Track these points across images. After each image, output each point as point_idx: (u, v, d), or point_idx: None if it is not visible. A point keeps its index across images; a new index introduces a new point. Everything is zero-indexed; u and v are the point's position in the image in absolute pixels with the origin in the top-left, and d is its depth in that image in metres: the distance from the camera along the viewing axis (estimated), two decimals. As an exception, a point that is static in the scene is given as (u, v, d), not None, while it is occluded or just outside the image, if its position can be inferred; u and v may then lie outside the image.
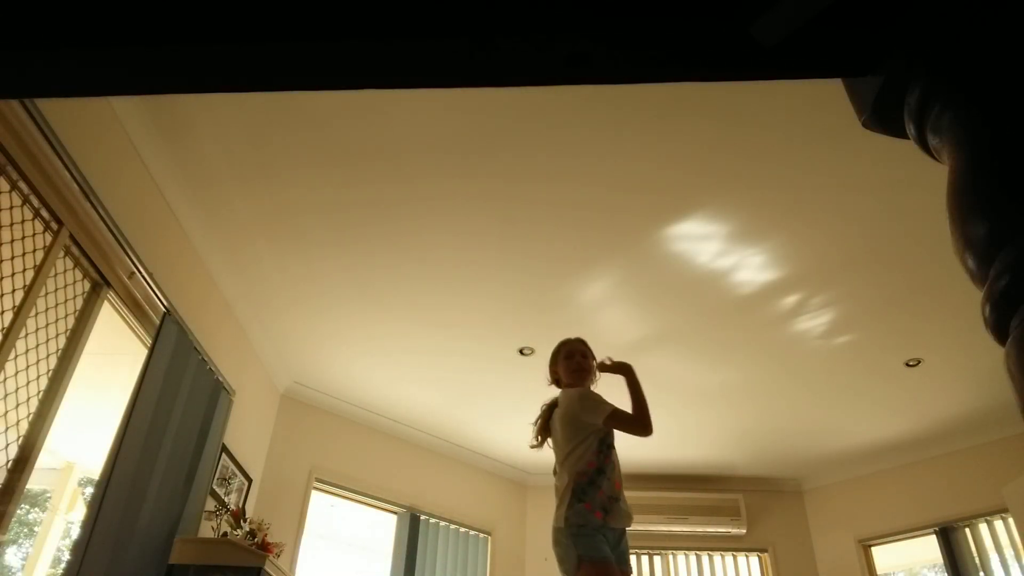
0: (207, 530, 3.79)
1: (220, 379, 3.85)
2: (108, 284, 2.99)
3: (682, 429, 5.61)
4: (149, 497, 3.08)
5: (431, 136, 3.03)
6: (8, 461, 2.46)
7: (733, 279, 3.86)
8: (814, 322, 4.23)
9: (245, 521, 3.84)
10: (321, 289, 4.09)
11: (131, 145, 2.99)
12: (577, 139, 3.02)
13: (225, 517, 3.84)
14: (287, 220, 3.55)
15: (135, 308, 3.21)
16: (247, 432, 4.49)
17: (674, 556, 6.29)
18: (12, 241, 2.38)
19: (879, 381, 4.84)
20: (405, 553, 5.35)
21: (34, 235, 2.51)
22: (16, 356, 2.43)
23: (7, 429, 2.44)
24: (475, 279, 3.95)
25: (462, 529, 5.92)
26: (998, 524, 5.27)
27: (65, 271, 2.74)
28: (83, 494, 4.43)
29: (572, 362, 2.84)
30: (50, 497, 4.44)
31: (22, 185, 2.41)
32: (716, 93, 2.78)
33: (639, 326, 4.30)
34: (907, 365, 4.62)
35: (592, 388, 2.80)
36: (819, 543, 6.26)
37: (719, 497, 6.24)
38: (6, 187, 2.35)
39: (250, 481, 4.51)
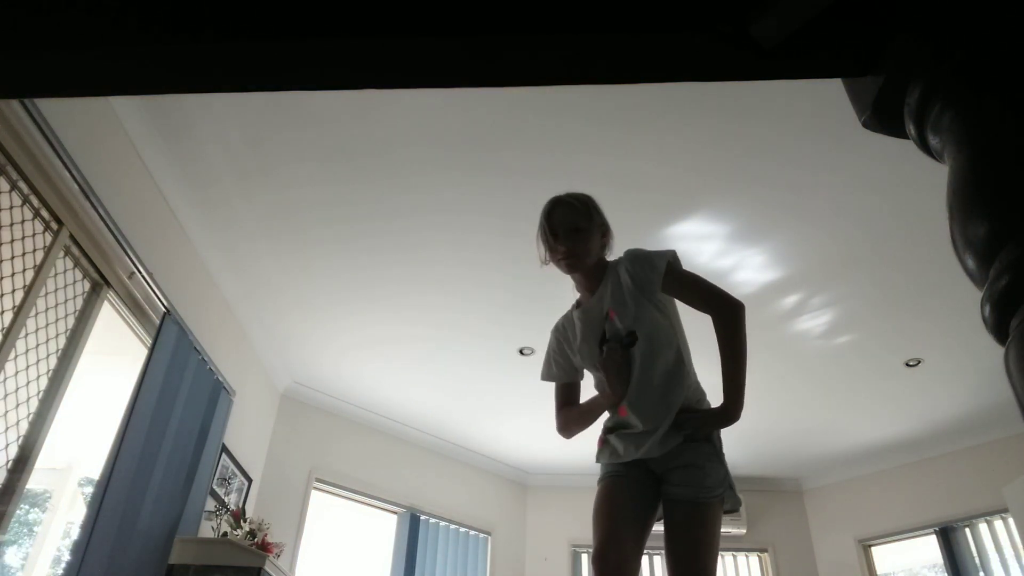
0: (207, 530, 3.79)
1: (220, 379, 3.85)
2: (108, 284, 2.99)
3: (682, 429, 5.61)
4: (149, 497, 3.07)
5: (431, 135, 3.03)
6: (8, 461, 2.46)
7: (733, 279, 3.86)
8: (814, 322, 4.23)
9: (245, 521, 3.84)
10: (321, 289, 4.09)
11: (131, 145, 2.99)
12: (578, 138, 3.03)
13: (225, 517, 3.84)
14: (287, 220, 3.55)
15: (135, 308, 3.21)
16: (247, 432, 4.49)
17: (674, 556, 6.28)
18: (12, 241, 2.38)
19: (879, 381, 4.84)
20: (405, 553, 5.34)
21: (34, 235, 2.51)
22: (16, 356, 2.43)
23: (7, 429, 2.44)
24: (475, 279, 3.95)
25: (462, 529, 5.92)
26: (998, 524, 5.27)
27: (65, 271, 2.74)
28: (83, 494, 4.43)
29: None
30: (50, 497, 4.44)
31: (22, 185, 2.41)
32: (717, 92, 2.79)
33: (639, 326, 4.30)
34: (907, 365, 4.62)
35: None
36: (819, 543, 6.26)
37: (719, 497, 6.23)
38: (6, 187, 2.35)
39: (250, 481, 4.51)
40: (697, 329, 1.97)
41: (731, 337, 1.78)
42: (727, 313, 1.79)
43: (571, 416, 1.97)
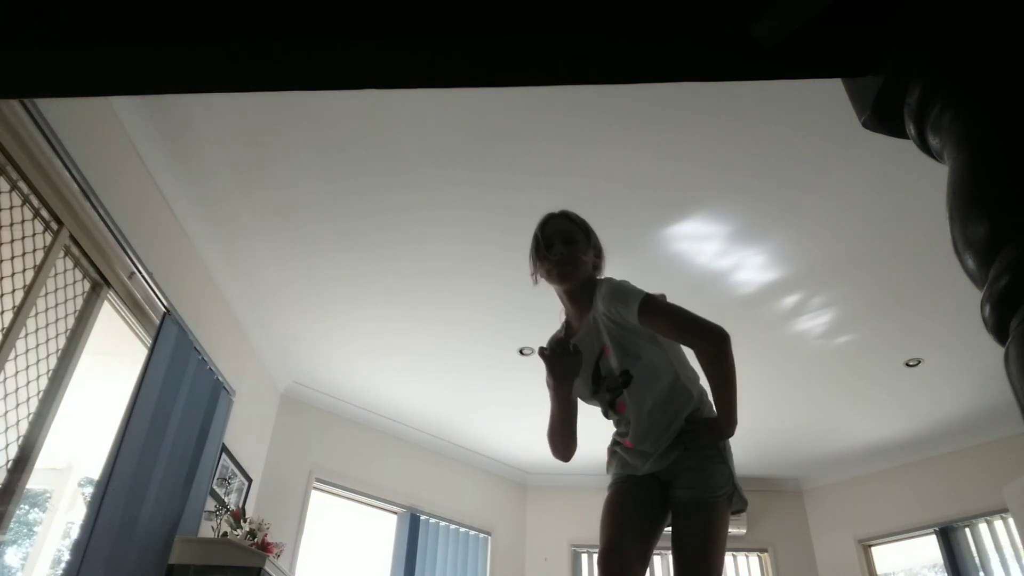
0: (207, 530, 3.79)
1: (220, 379, 3.85)
2: (108, 284, 2.99)
3: (682, 429, 5.61)
4: (149, 497, 3.07)
5: (430, 134, 3.03)
6: (8, 461, 2.46)
7: (733, 279, 3.86)
8: (814, 322, 4.23)
9: (245, 521, 3.84)
10: (321, 288, 4.09)
11: (131, 145, 2.99)
12: (580, 135, 3.02)
13: (225, 517, 3.84)
14: (287, 220, 3.55)
15: (135, 308, 3.21)
16: (247, 432, 4.49)
17: (674, 556, 6.28)
18: (12, 241, 2.38)
19: (879, 381, 4.84)
20: (405, 553, 5.34)
21: (34, 235, 2.51)
22: (16, 356, 2.43)
23: (7, 429, 2.44)
24: (475, 278, 3.94)
25: (462, 529, 5.92)
26: (998, 524, 5.27)
27: (65, 271, 2.74)
28: (83, 494, 4.43)
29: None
30: (50, 497, 4.44)
31: (22, 185, 2.41)
32: (717, 91, 2.78)
33: (639, 326, 4.30)
34: (907, 365, 4.62)
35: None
36: (819, 543, 6.26)
37: (719, 497, 6.23)
38: (6, 187, 2.35)
39: (250, 481, 4.51)
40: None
41: (715, 368, 1.79)
42: (707, 347, 1.78)
43: (552, 436, 1.97)
